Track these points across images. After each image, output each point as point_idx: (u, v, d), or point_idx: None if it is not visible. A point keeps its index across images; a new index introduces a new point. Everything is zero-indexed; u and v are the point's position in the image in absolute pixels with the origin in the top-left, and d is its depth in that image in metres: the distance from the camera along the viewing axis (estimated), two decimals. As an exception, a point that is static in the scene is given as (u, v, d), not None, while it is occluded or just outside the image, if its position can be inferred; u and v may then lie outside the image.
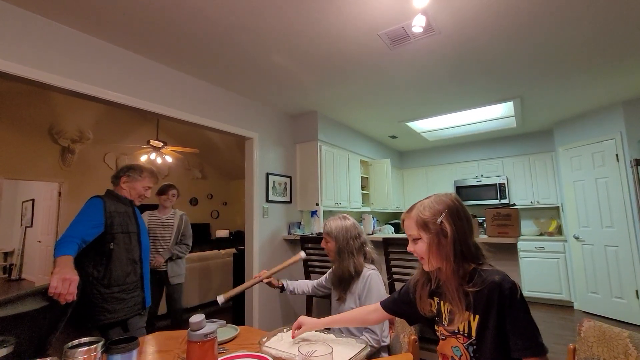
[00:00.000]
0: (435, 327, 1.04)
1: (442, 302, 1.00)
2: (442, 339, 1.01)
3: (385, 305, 1.17)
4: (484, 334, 0.88)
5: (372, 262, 1.62)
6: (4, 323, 0.95)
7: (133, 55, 2.34)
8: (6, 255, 7.34)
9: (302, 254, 1.76)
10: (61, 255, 1.44)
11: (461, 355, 0.94)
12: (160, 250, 2.86)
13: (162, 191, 2.96)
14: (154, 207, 3.05)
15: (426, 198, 1.00)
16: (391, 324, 1.51)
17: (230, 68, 2.61)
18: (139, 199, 1.95)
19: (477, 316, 0.89)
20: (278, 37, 2.18)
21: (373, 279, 1.51)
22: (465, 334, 0.92)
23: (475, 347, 0.90)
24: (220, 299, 1.51)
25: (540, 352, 0.82)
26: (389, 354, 1.46)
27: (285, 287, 1.80)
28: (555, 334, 3.21)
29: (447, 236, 0.91)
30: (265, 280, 1.68)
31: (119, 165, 6.00)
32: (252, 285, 1.67)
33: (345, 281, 1.57)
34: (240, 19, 1.97)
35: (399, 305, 1.14)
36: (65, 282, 1.26)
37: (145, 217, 2.90)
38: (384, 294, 1.49)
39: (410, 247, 1.00)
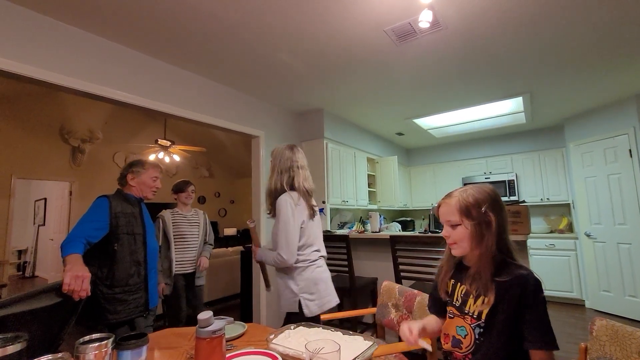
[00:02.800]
0: (447, 308, 1.07)
1: (458, 284, 1.05)
2: (450, 318, 1.04)
3: (430, 308, 1.18)
4: (494, 319, 0.91)
5: (297, 190, 1.68)
6: (21, 319, 0.97)
7: (141, 55, 2.36)
8: (20, 253, 7.51)
9: (250, 223, 1.88)
10: (70, 254, 1.46)
11: (466, 335, 0.97)
12: (192, 248, 2.69)
13: (180, 189, 2.78)
14: (167, 205, 2.91)
15: (464, 187, 1.03)
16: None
17: (236, 67, 2.62)
18: (150, 192, 1.92)
19: (492, 302, 0.92)
20: (282, 35, 2.18)
21: (280, 200, 1.60)
22: (475, 316, 0.96)
23: (482, 329, 0.94)
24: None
25: (552, 347, 0.86)
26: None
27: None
28: (566, 332, 3.16)
29: (491, 226, 0.94)
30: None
31: (128, 164, 6.07)
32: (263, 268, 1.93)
33: (270, 198, 1.70)
34: (244, 18, 1.98)
35: (436, 300, 1.14)
36: (78, 279, 1.28)
37: (168, 214, 2.69)
38: (290, 216, 1.56)
39: (445, 232, 1.01)
